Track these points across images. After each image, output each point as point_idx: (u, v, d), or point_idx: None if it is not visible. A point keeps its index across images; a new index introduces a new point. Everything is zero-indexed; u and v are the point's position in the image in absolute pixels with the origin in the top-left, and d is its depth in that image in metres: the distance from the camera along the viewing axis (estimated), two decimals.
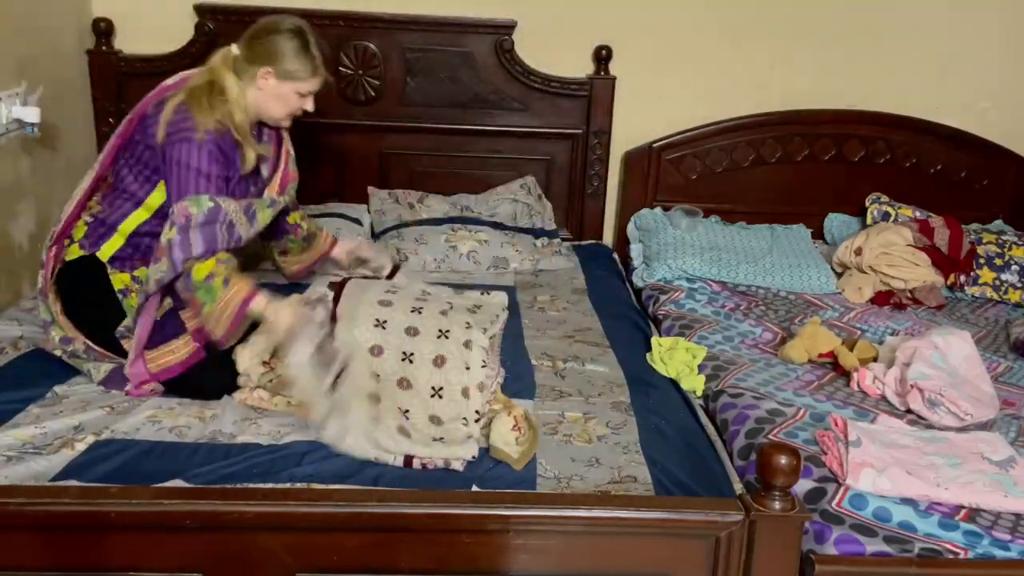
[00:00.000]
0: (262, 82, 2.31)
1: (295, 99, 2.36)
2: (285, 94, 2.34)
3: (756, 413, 2.29)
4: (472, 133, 3.53)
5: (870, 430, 2.18)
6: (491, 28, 3.42)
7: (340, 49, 3.41)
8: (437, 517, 1.57)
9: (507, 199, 3.45)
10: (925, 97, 3.61)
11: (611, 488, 1.96)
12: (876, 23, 3.55)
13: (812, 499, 1.95)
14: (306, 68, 2.33)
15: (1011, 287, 3.25)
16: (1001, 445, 2.14)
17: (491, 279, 3.15)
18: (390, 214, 3.39)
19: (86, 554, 1.56)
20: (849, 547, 1.81)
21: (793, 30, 3.54)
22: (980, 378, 2.43)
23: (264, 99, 2.34)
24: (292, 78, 2.32)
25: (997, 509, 1.93)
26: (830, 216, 3.66)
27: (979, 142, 3.64)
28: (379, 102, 3.49)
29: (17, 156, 2.84)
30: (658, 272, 3.21)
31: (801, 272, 3.22)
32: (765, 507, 1.57)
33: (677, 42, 3.54)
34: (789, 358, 2.63)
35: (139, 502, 1.53)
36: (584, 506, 1.60)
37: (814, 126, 3.60)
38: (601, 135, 3.54)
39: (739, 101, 3.57)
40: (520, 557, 1.59)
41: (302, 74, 2.33)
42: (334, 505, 1.56)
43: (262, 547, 1.56)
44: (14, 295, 2.80)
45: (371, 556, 1.58)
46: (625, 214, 3.62)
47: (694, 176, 3.62)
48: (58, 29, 3.15)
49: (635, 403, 2.33)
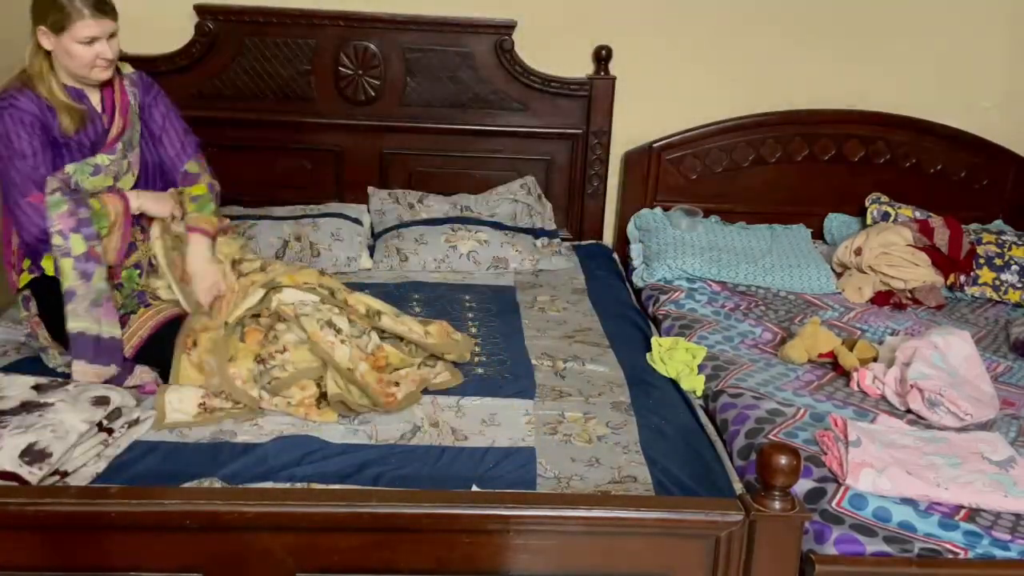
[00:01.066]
0: (44, 42, 2.28)
1: (82, 49, 2.27)
2: (67, 47, 2.26)
3: (756, 413, 2.29)
4: (472, 133, 3.53)
5: (870, 430, 2.18)
6: (491, 28, 3.42)
7: (340, 49, 3.41)
8: (437, 517, 1.57)
9: (507, 199, 3.45)
10: (925, 97, 3.61)
11: (611, 488, 1.96)
12: (876, 23, 3.55)
13: (812, 499, 1.95)
14: (70, 13, 2.24)
15: (1011, 287, 3.25)
16: (1001, 445, 2.14)
17: (491, 279, 3.15)
18: (390, 214, 3.39)
19: (86, 554, 1.56)
20: (849, 547, 1.81)
21: (793, 30, 3.54)
22: (980, 378, 2.43)
23: (60, 59, 2.30)
24: (61, 28, 2.25)
25: (997, 509, 1.93)
26: (830, 216, 3.66)
27: (979, 142, 3.64)
28: (379, 102, 3.49)
29: None
30: (658, 272, 3.21)
31: (801, 272, 3.22)
32: (765, 507, 1.57)
33: (677, 42, 3.53)
34: (789, 358, 2.63)
35: (139, 502, 1.53)
36: (584, 506, 1.60)
37: (814, 126, 3.60)
38: (601, 135, 3.54)
39: (739, 101, 3.57)
40: (520, 557, 1.59)
41: (69, 21, 2.24)
42: (334, 505, 1.56)
43: (262, 547, 1.56)
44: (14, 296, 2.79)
45: (371, 556, 1.58)
46: (625, 214, 3.62)
47: (694, 176, 3.62)
48: None
49: (635, 403, 2.33)
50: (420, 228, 3.28)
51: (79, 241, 2.22)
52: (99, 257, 2.26)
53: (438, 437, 2.13)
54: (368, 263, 3.19)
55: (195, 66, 3.37)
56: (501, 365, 2.49)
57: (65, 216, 2.23)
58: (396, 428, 2.15)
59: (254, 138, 3.46)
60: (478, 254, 3.22)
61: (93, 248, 2.25)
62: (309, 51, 3.40)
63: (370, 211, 3.46)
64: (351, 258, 3.16)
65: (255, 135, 3.45)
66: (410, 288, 3.00)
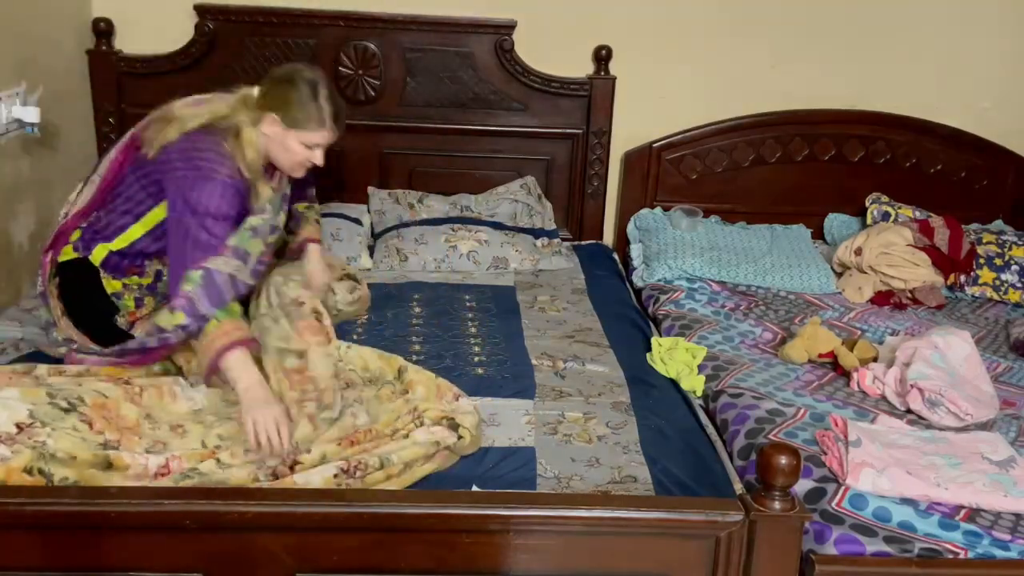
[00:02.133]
0: (268, 128, 2.25)
1: (300, 148, 2.28)
2: (289, 143, 2.26)
3: (756, 413, 2.29)
4: (472, 133, 3.53)
5: (870, 430, 2.18)
6: (491, 28, 3.42)
7: (340, 49, 3.40)
8: (437, 517, 1.57)
9: (507, 199, 3.45)
10: (925, 97, 3.61)
11: (611, 488, 1.96)
12: (876, 23, 3.55)
13: (812, 499, 1.95)
14: (312, 119, 2.25)
15: (1011, 287, 3.25)
16: (1001, 445, 2.14)
17: (491, 279, 3.15)
18: (390, 214, 3.39)
19: (86, 554, 1.56)
20: (849, 547, 1.81)
21: (793, 30, 3.54)
22: (980, 378, 2.43)
23: (270, 144, 2.28)
24: (297, 127, 2.25)
25: (997, 509, 1.93)
26: (830, 216, 3.66)
27: (979, 142, 3.64)
28: (379, 102, 3.49)
29: (17, 156, 2.83)
30: (658, 272, 3.21)
31: (801, 272, 3.22)
32: (765, 507, 1.57)
33: (677, 42, 3.53)
34: (789, 358, 2.63)
35: (139, 502, 1.54)
36: (584, 506, 1.60)
37: (814, 126, 3.60)
38: (601, 135, 3.54)
39: (739, 101, 3.57)
40: (520, 557, 1.59)
41: (308, 124, 2.25)
42: (334, 505, 1.56)
43: (262, 547, 1.56)
44: (14, 295, 2.80)
45: (371, 556, 1.58)
46: (625, 214, 3.62)
47: (694, 176, 3.62)
48: (58, 29, 3.15)
49: (635, 403, 2.33)
50: (420, 228, 3.28)
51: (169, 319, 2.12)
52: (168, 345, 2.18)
53: None
54: (368, 263, 3.19)
55: (195, 66, 3.36)
56: (501, 365, 2.49)
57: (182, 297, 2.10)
58: None
59: None
60: (478, 254, 3.22)
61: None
62: (309, 51, 3.40)
63: (370, 211, 3.46)
64: (351, 258, 3.16)
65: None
66: (410, 288, 3.00)
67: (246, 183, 2.24)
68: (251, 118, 2.25)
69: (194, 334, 2.12)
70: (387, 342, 2.54)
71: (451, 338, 2.63)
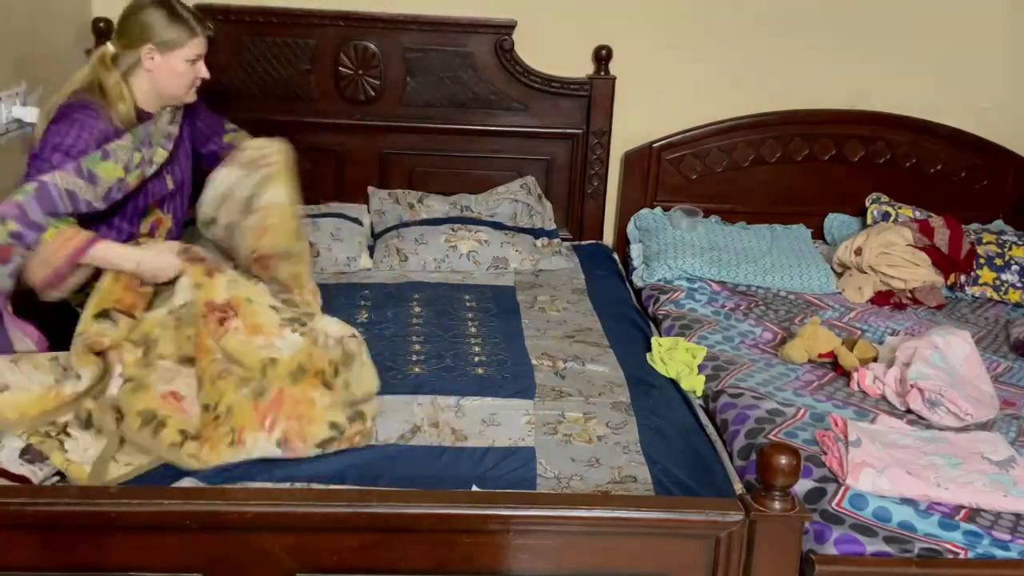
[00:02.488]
0: (148, 62, 2.27)
1: (186, 67, 2.31)
2: (174, 66, 2.29)
3: (756, 413, 2.29)
4: (472, 133, 3.53)
5: (870, 430, 2.18)
6: (491, 28, 3.41)
7: (340, 49, 3.40)
8: (437, 517, 1.57)
9: (507, 199, 3.45)
10: (925, 97, 3.61)
11: (611, 488, 1.96)
12: (876, 23, 3.55)
13: (812, 499, 1.95)
14: (183, 32, 2.28)
15: (1011, 287, 3.25)
16: (1001, 445, 2.14)
17: (491, 279, 3.15)
18: (390, 214, 3.39)
19: (86, 554, 1.56)
20: (849, 547, 1.81)
21: (793, 30, 3.54)
22: (980, 378, 2.43)
23: (159, 78, 2.30)
24: (174, 46, 2.28)
25: (997, 509, 1.93)
26: (830, 216, 3.66)
27: (979, 142, 3.64)
28: (379, 102, 3.49)
29: (17, 156, 2.82)
30: (658, 272, 3.21)
31: (801, 272, 3.22)
32: (765, 507, 1.57)
33: (677, 42, 3.53)
34: (789, 358, 2.63)
35: (139, 502, 1.53)
36: (584, 506, 1.60)
37: (814, 126, 3.60)
38: (601, 135, 3.54)
39: (739, 101, 3.57)
40: (520, 557, 1.59)
41: (181, 39, 2.28)
42: (334, 505, 1.56)
43: (262, 547, 1.56)
44: None
45: (371, 556, 1.58)
46: (625, 214, 3.62)
47: (694, 176, 3.62)
48: (58, 29, 3.15)
49: (635, 403, 2.33)
50: (420, 228, 3.28)
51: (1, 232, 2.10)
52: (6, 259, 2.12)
53: (438, 437, 2.13)
54: (368, 263, 3.19)
55: None
56: (501, 365, 2.49)
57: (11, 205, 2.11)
58: (396, 428, 2.15)
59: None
60: (478, 254, 3.22)
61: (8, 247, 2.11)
62: (309, 51, 3.40)
63: (370, 211, 3.46)
64: (351, 258, 3.16)
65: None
66: (410, 288, 3.00)
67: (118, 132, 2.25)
68: (120, 69, 2.27)
69: (31, 245, 2.10)
70: (387, 342, 2.54)
71: (451, 338, 2.63)
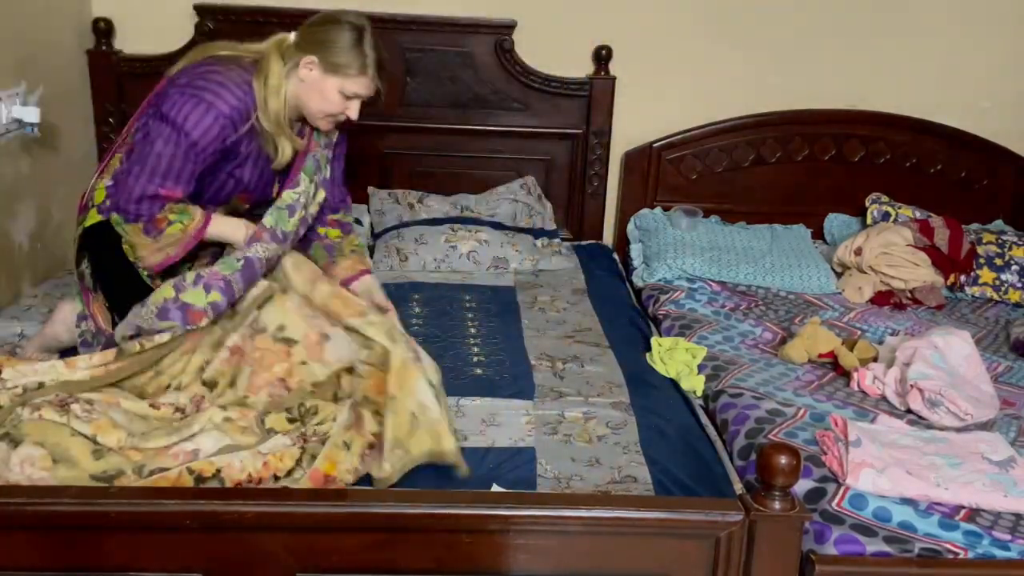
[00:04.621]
0: (305, 71, 2.16)
1: (337, 98, 2.20)
2: (327, 89, 2.17)
3: (756, 413, 2.29)
4: (472, 133, 3.52)
5: (870, 430, 2.18)
6: (491, 28, 3.41)
7: None
8: (437, 517, 1.57)
9: (507, 199, 3.45)
10: (925, 97, 3.61)
11: (611, 488, 1.96)
12: (876, 23, 3.55)
13: (812, 499, 1.95)
14: (354, 63, 2.16)
15: (1011, 287, 3.25)
16: (1001, 445, 2.14)
17: (491, 279, 3.15)
18: (390, 214, 3.39)
19: (86, 554, 1.56)
20: (849, 547, 1.81)
21: (793, 30, 3.54)
22: (980, 378, 2.43)
23: (305, 90, 2.18)
24: (337, 72, 2.16)
25: (997, 509, 1.93)
26: (830, 216, 3.66)
27: (979, 142, 3.64)
28: (379, 102, 3.47)
29: (17, 156, 2.83)
30: (658, 272, 3.21)
31: (801, 272, 3.22)
32: (765, 507, 1.57)
33: (677, 42, 3.53)
34: (789, 358, 2.63)
35: (139, 502, 1.54)
36: (584, 506, 1.60)
37: (814, 126, 3.60)
38: (601, 135, 3.54)
39: (739, 101, 3.57)
40: (520, 557, 1.59)
41: (348, 69, 2.16)
42: (334, 505, 1.56)
43: (262, 547, 1.56)
44: (14, 295, 2.80)
45: (371, 556, 1.58)
46: (625, 214, 3.62)
47: (694, 176, 3.62)
48: (58, 29, 3.15)
49: (635, 403, 2.33)
50: (420, 228, 3.28)
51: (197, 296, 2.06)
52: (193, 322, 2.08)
53: None
54: (368, 263, 3.18)
55: None
56: (500, 365, 2.49)
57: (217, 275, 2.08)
58: None
59: None
60: (478, 254, 3.22)
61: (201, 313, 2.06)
62: None
63: (370, 211, 3.46)
64: None
65: None
66: (410, 288, 3.00)
67: (253, 128, 2.14)
68: (284, 64, 2.15)
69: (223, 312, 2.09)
70: None
71: (451, 338, 2.63)
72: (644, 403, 2.33)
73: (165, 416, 2.01)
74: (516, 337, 2.68)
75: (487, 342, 2.63)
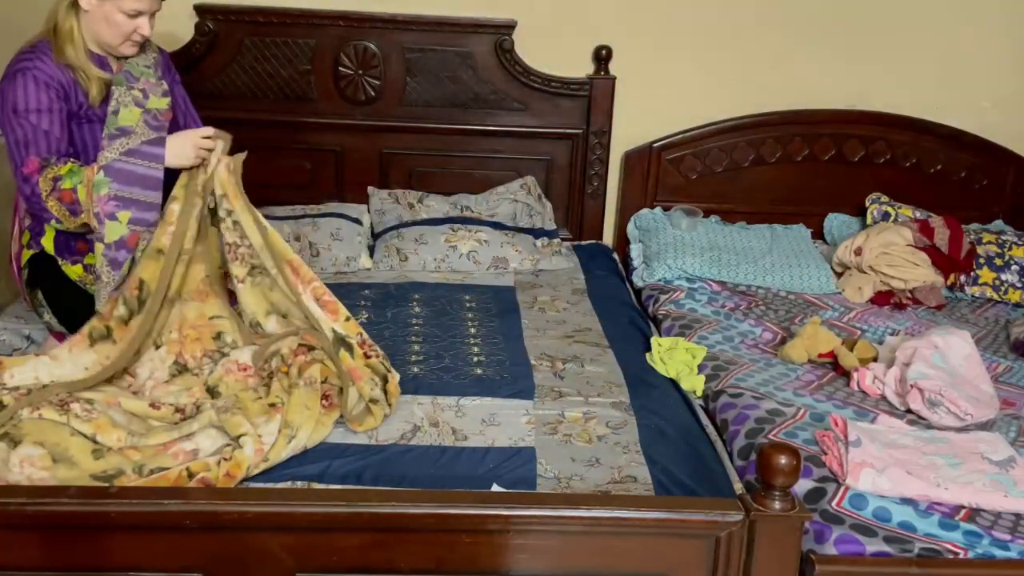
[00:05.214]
0: (85, 5, 2.22)
1: (121, 18, 2.23)
2: (109, 14, 2.22)
3: (756, 413, 2.29)
4: (472, 133, 3.52)
5: (870, 430, 2.18)
6: (491, 28, 3.41)
7: (340, 49, 3.40)
8: (437, 517, 1.57)
9: (507, 199, 3.45)
10: (925, 97, 3.61)
11: (611, 488, 1.96)
12: (876, 23, 3.55)
13: (812, 499, 1.95)
14: None
15: (1011, 287, 3.25)
16: (1001, 445, 2.14)
17: (491, 279, 3.15)
18: (390, 214, 3.39)
19: (86, 554, 1.56)
20: (849, 547, 1.81)
21: (793, 29, 3.54)
22: (980, 378, 2.43)
23: (92, 22, 2.25)
24: None
25: (997, 509, 1.93)
26: (830, 216, 3.66)
27: (979, 142, 3.63)
28: (379, 102, 3.49)
29: None
30: (658, 272, 3.21)
31: (801, 272, 3.22)
32: (765, 507, 1.57)
33: (677, 42, 3.53)
34: (789, 358, 2.63)
35: (139, 502, 1.54)
36: (584, 506, 1.60)
37: (814, 126, 3.60)
38: (601, 135, 3.54)
39: (739, 101, 3.57)
40: (520, 557, 1.59)
41: None
42: (334, 505, 1.56)
43: (262, 547, 1.56)
44: (14, 295, 2.79)
45: (371, 556, 1.58)
46: (625, 214, 3.62)
47: (694, 176, 3.62)
48: None
49: (635, 403, 2.33)
50: (420, 228, 3.28)
51: (115, 228, 2.15)
52: (134, 246, 2.19)
53: (438, 437, 2.13)
54: (368, 263, 3.19)
55: (195, 66, 3.36)
56: (500, 365, 2.49)
57: (104, 200, 2.15)
58: (396, 428, 2.15)
59: (254, 138, 3.39)
60: (478, 254, 3.22)
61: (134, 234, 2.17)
62: (309, 51, 3.40)
63: (370, 211, 3.46)
64: (351, 258, 3.16)
65: (255, 135, 3.42)
66: (410, 288, 3.00)
67: (69, 75, 2.23)
68: (67, 6, 2.24)
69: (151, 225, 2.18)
70: (387, 342, 2.54)
71: (451, 338, 2.63)
72: (644, 403, 2.34)
73: (165, 416, 2.03)
74: (516, 337, 2.68)
75: (487, 342, 2.63)
